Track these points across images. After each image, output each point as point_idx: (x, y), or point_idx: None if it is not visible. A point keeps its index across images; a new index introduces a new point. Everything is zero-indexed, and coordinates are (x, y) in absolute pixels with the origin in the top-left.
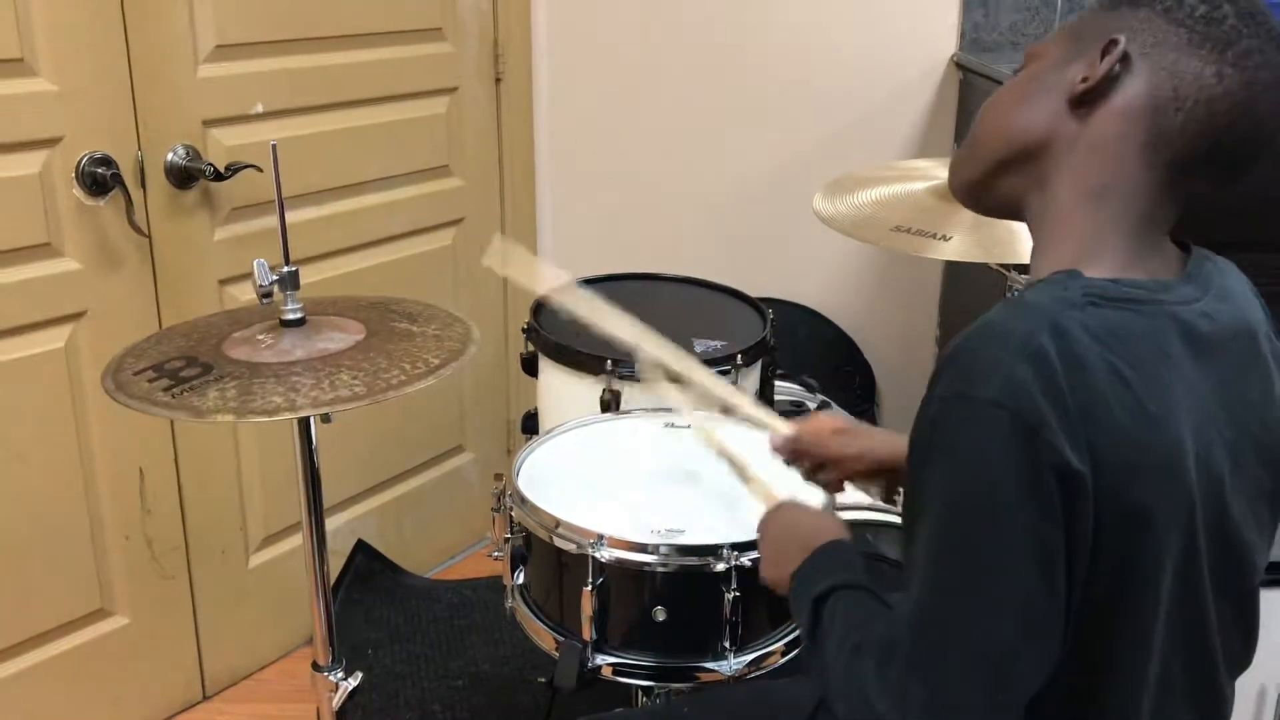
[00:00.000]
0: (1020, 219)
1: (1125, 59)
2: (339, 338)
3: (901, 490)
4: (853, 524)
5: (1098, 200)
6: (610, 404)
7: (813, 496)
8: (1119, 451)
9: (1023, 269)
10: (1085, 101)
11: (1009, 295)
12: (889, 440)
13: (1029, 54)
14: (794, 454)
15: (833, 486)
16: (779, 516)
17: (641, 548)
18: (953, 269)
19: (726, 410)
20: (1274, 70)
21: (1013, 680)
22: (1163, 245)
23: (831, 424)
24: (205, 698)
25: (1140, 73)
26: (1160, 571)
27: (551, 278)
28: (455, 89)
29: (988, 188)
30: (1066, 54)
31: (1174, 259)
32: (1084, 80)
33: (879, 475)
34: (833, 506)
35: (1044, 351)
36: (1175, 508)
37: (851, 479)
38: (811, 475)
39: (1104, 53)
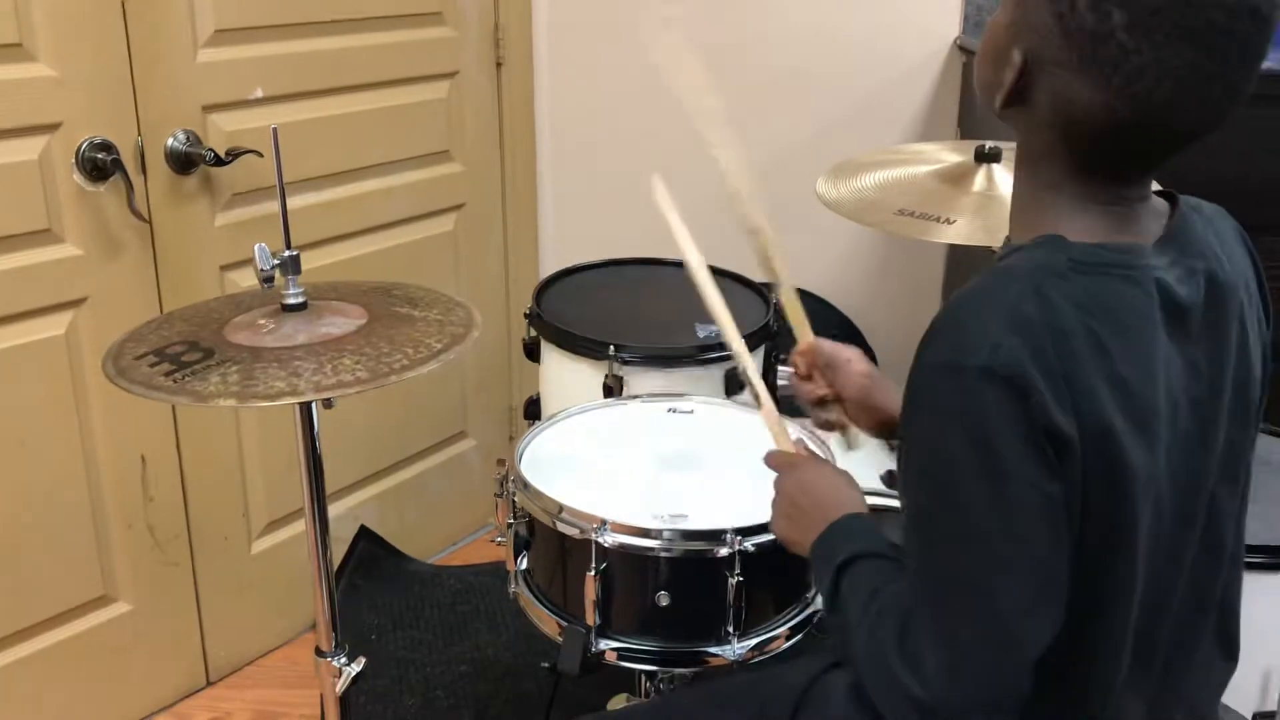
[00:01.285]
0: None
1: (1028, 74)
2: (341, 322)
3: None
4: None
5: (1058, 187)
6: (613, 389)
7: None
8: (1098, 416)
9: None
10: (1010, 110)
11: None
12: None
13: None
14: (814, 370)
15: (824, 422)
16: (799, 476)
17: (645, 533)
18: (956, 252)
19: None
20: (1178, 88)
21: (1026, 639)
22: (1144, 204)
23: (862, 365)
24: (209, 684)
25: (1044, 90)
26: (1140, 529)
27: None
28: (456, 73)
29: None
30: (1009, 21)
31: (1158, 214)
32: (1006, 86)
33: (880, 432)
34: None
35: (1029, 319)
36: (1145, 467)
37: (843, 418)
38: (812, 400)
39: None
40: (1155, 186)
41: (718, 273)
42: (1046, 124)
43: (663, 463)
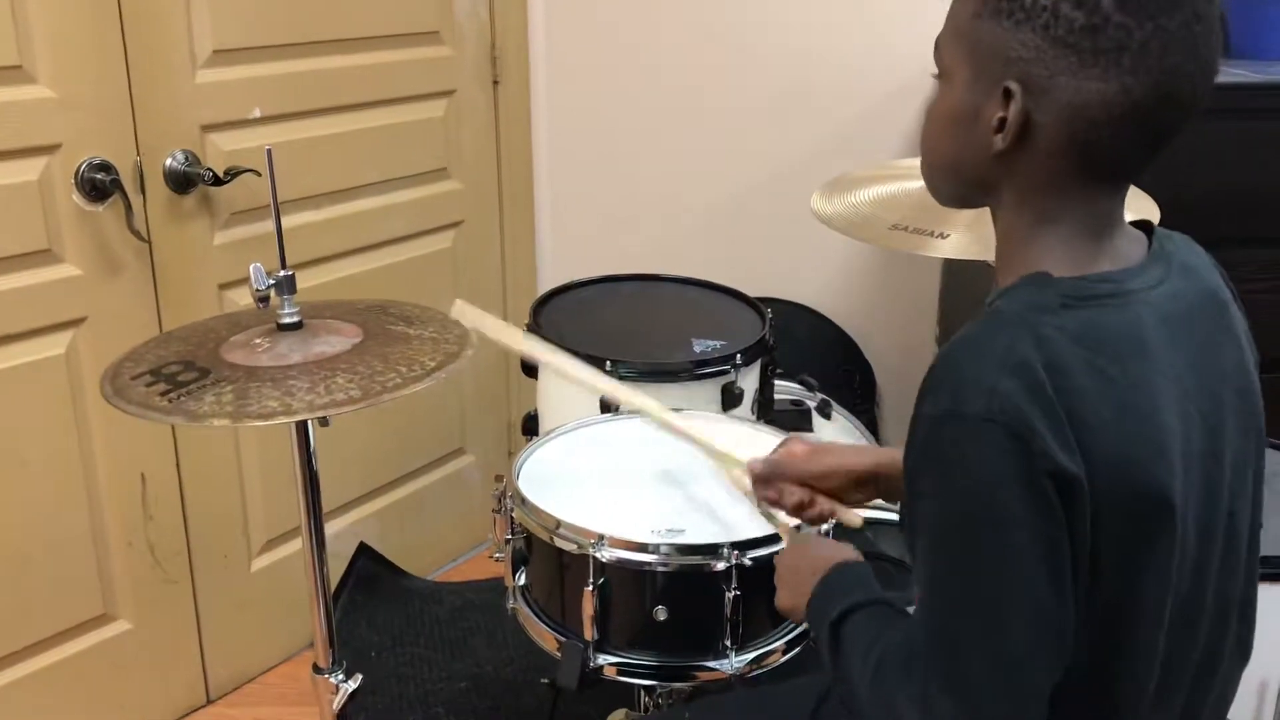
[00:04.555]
0: None
1: (1026, 99)
2: (336, 341)
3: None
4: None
5: (1051, 222)
6: (610, 404)
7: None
8: (1109, 448)
9: None
10: (1008, 152)
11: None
12: (862, 451)
13: (940, 68)
14: (774, 480)
15: (817, 518)
16: (793, 548)
17: (642, 547)
18: (951, 266)
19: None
20: (1180, 50)
21: (1033, 681)
22: (1122, 232)
23: (802, 446)
24: (209, 701)
25: (1047, 110)
26: (1160, 556)
27: (514, 335)
28: (453, 92)
29: (956, 203)
30: (971, 78)
31: (1136, 242)
32: (998, 132)
33: (860, 488)
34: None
35: (1026, 361)
36: (1166, 493)
37: (831, 502)
38: (796, 509)
39: (1005, 97)
40: (1130, 216)
41: (716, 289)
42: (1056, 144)
43: (660, 477)
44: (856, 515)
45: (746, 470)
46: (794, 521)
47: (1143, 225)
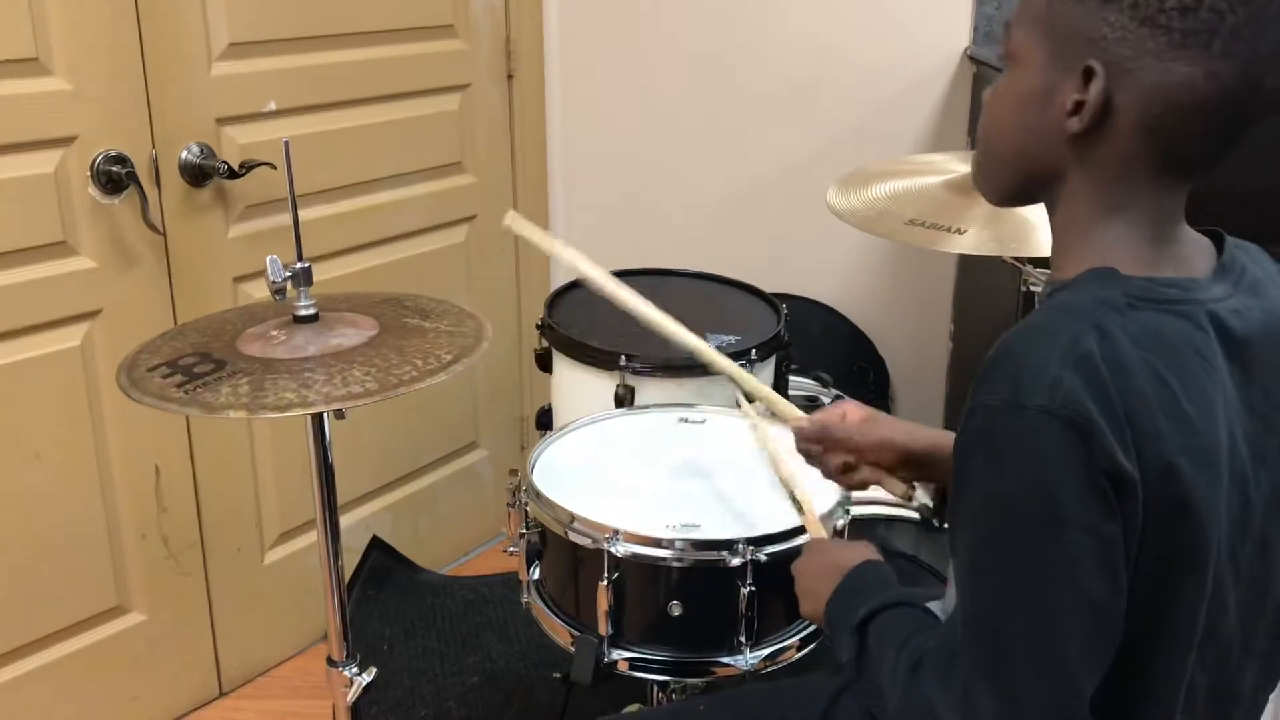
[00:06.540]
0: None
1: (1108, 79)
2: (352, 334)
3: (918, 484)
4: (866, 519)
5: (1116, 212)
6: (624, 399)
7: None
8: (1161, 452)
9: (1036, 261)
10: (1082, 136)
11: (1022, 289)
12: (912, 430)
13: (1010, 52)
14: (822, 443)
15: (857, 484)
16: (811, 549)
17: (657, 543)
18: (967, 262)
19: (746, 398)
20: (1273, 39)
21: (1077, 680)
22: (1185, 235)
23: (857, 411)
24: (221, 694)
25: (1129, 92)
26: (1197, 575)
27: (563, 251)
28: (468, 86)
29: (1010, 199)
30: (1047, 60)
31: (1203, 250)
32: (1073, 114)
33: (908, 467)
34: (849, 503)
35: (1090, 356)
36: (1212, 505)
37: (876, 471)
38: (838, 471)
39: (1085, 77)
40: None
41: (731, 284)
42: (1133, 128)
43: (674, 472)
44: (902, 485)
45: (793, 426)
46: (824, 508)
47: (1212, 234)
